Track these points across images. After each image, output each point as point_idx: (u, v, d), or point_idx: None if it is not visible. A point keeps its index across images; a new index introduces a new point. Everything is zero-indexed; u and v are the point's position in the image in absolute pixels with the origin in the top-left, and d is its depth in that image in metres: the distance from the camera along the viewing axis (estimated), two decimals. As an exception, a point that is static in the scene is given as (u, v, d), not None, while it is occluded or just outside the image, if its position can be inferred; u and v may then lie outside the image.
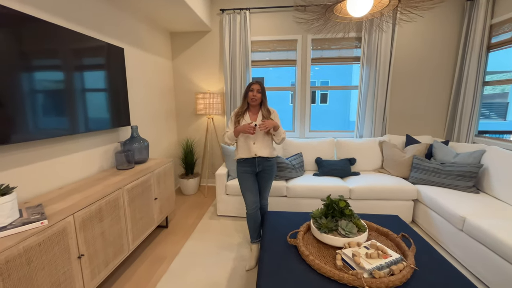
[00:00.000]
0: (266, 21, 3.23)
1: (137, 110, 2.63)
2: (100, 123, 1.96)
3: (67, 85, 1.66)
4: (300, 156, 2.92)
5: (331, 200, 1.56)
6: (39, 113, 1.50)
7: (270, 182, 2.03)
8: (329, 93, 13.23)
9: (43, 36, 1.49)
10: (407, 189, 2.42)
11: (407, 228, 1.70)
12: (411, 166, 2.61)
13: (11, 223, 1.12)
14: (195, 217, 2.69)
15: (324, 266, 1.23)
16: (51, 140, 1.66)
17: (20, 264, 1.04)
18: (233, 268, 1.85)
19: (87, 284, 1.42)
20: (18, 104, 1.38)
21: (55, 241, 1.20)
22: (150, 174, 2.07)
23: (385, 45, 3.00)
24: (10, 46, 1.32)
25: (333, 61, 3.26)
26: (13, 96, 1.35)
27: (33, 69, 1.44)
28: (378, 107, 3.13)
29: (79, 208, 1.36)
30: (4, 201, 1.09)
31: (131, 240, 1.82)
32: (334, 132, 3.43)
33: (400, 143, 2.99)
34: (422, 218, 2.36)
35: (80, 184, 1.75)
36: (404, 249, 1.37)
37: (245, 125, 1.83)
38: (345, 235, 1.41)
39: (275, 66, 3.39)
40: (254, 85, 1.94)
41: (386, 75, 3.06)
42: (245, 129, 1.82)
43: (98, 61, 1.93)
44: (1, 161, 1.36)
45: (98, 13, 2.07)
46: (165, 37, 3.26)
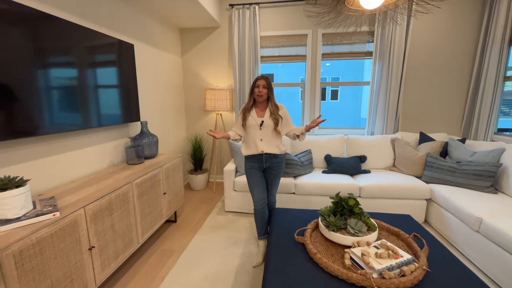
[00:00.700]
0: (275, 16, 3.18)
1: (147, 106, 2.66)
2: (111, 119, 1.99)
3: (80, 81, 1.69)
4: (309, 153, 2.88)
5: (340, 198, 1.52)
6: (54, 108, 1.54)
7: (278, 178, 2.01)
8: (339, 90, 13.00)
9: (57, 33, 1.52)
10: (420, 188, 2.34)
11: (419, 228, 1.64)
12: (424, 164, 2.52)
13: (25, 214, 1.16)
14: (203, 212, 2.71)
15: (332, 264, 1.20)
16: (64, 134, 1.70)
17: (33, 254, 1.07)
18: (239, 264, 1.86)
19: (98, 275, 1.45)
20: (34, 99, 1.41)
21: (67, 233, 1.24)
22: (159, 169, 2.10)
23: (399, 39, 2.89)
24: (27, 43, 1.36)
25: (344, 56, 3.18)
26: (30, 92, 1.39)
27: (48, 66, 1.48)
28: (390, 103, 3.04)
29: (90, 201, 1.38)
30: (18, 193, 1.12)
31: (140, 234, 1.85)
32: (344, 129, 3.36)
33: (414, 141, 2.89)
34: (436, 218, 2.28)
35: (92, 178, 1.79)
36: (416, 249, 1.33)
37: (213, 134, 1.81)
38: (354, 233, 1.38)
39: (285, 62, 3.35)
40: (260, 81, 1.90)
41: (399, 70, 2.96)
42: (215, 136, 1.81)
43: (109, 58, 1.95)
44: (18, 154, 1.41)
45: (110, 10, 2.09)
46: (174, 34, 3.27)
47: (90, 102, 1.79)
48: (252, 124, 1.92)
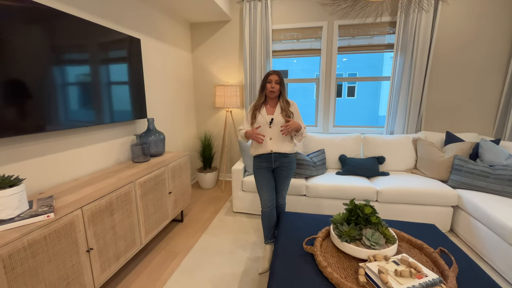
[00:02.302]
0: (288, 8, 3.01)
1: (154, 102, 2.61)
2: (117, 115, 1.95)
3: (88, 77, 1.65)
4: (322, 153, 2.71)
5: (355, 205, 1.37)
6: (65, 104, 1.54)
7: (287, 179, 1.89)
8: (356, 86, 12.51)
9: (69, 29, 1.51)
10: (446, 194, 2.12)
11: (446, 241, 1.46)
12: (451, 167, 2.29)
13: (19, 215, 1.11)
14: (211, 212, 2.64)
15: (343, 281, 1.07)
16: (70, 131, 1.67)
17: (24, 257, 1.02)
18: (245, 270, 1.76)
19: (97, 278, 1.41)
20: (48, 95, 1.43)
21: (62, 235, 1.19)
22: (164, 168, 2.04)
23: (424, 29, 2.64)
24: (41, 40, 1.37)
25: (362, 49, 2.96)
26: (44, 88, 1.40)
27: (61, 62, 1.48)
28: (413, 100, 2.80)
29: (88, 201, 1.33)
30: (12, 193, 1.08)
31: (143, 234, 1.80)
32: (361, 128, 3.15)
33: (439, 141, 2.65)
34: (463, 228, 2.06)
35: (95, 176, 1.76)
36: (443, 267, 1.16)
37: (254, 132, 1.70)
38: (370, 246, 1.23)
39: (298, 56, 3.18)
40: (272, 76, 1.79)
41: (424, 63, 2.71)
42: (253, 137, 1.70)
43: (115, 53, 1.90)
44: (21, 151, 1.38)
45: (120, 5, 2.03)
46: (185, 29, 3.20)
47: (95, 98, 1.75)
48: (261, 122, 1.81)
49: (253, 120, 1.84)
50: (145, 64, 2.42)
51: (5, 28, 1.22)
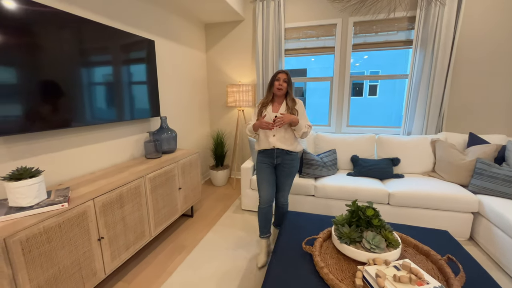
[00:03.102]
0: (302, 6, 2.98)
1: (168, 101, 2.71)
2: (135, 113, 2.06)
3: (106, 76, 1.76)
4: (334, 153, 2.66)
5: (357, 206, 1.34)
6: (90, 102, 1.71)
7: (289, 178, 1.90)
8: (379, 84, 12.00)
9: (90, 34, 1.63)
10: (466, 199, 1.99)
11: (458, 249, 1.37)
12: (472, 171, 2.14)
13: (38, 203, 1.23)
14: (220, 209, 2.70)
15: (339, 283, 1.05)
16: (90, 127, 1.80)
17: (40, 242, 1.13)
18: (247, 267, 1.78)
19: (107, 265, 1.51)
20: (75, 94, 1.61)
21: (75, 223, 1.29)
22: (174, 164, 2.11)
23: (447, 22, 2.48)
24: (70, 45, 1.54)
25: (378, 46, 2.85)
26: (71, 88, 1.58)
27: (85, 64, 1.63)
28: (433, 99, 2.64)
29: (100, 193, 1.43)
30: (31, 183, 1.19)
31: (153, 227, 1.89)
32: (376, 128, 3.03)
33: (461, 143, 2.48)
34: (484, 236, 1.92)
35: (110, 170, 1.87)
36: (449, 276, 1.09)
37: (262, 121, 1.73)
38: (370, 249, 1.19)
39: (311, 54, 3.13)
40: (281, 74, 1.83)
41: (446, 60, 2.54)
42: (263, 125, 1.72)
43: (131, 55, 2.01)
44: (47, 145, 1.52)
45: (136, 10, 2.14)
46: (199, 29, 3.28)
47: (113, 97, 1.87)
48: (267, 119, 1.85)
49: (260, 117, 1.89)
50: (159, 64, 2.53)
51: (39, 34, 1.35)
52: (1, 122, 1.25)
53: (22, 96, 1.33)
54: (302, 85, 12.11)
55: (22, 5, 1.30)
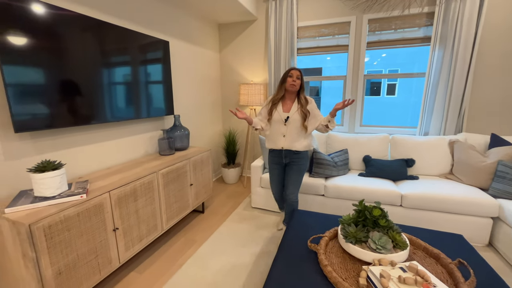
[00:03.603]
0: (315, 4, 2.95)
1: (182, 100, 2.80)
2: (150, 111, 2.16)
3: (124, 77, 1.86)
4: (345, 153, 2.62)
5: (364, 206, 1.32)
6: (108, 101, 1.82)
7: (297, 175, 1.92)
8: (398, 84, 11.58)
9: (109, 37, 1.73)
10: (485, 203, 1.89)
11: (472, 254, 1.32)
12: (493, 174, 2.03)
13: (59, 194, 1.32)
14: (231, 206, 2.74)
15: (342, 281, 1.05)
16: (109, 124, 1.91)
17: (61, 229, 1.22)
18: (255, 262, 1.81)
19: (122, 254, 1.59)
20: (96, 93, 1.73)
21: (92, 213, 1.37)
22: (186, 161, 2.18)
23: (468, 18, 2.36)
24: (91, 47, 1.65)
25: (394, 43, 2.77)
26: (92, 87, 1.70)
27: (105, 65, 1.72)
28: (452, 98, 2.53)
29: (115, 187, 1.51)
30: (54, 175, 1.29)
31: (165, 221, 1.97)
32: (390, 128, 2.95)
33: (482, 144, 2.36)
34: (504, 243, 1.82)
35: (126, 165, 1.97)
36: (459, 280, 1.06)
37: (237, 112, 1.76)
38: (375, 249, 1.18)
39: (324, 53, 3.10)
40: (294, 71, 1.84)
41: (467, 57, 2.43)
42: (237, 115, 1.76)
43: (147, 56, 2.10)
44: (69, 141, 1.63)
45: (152, 12, 2.24)
46: (213, 30, 3.35)
47: (131, 95, 1.96)
48: (277, 119, 1.87)
49: (269, 117, 1.90)
50: (173, 64, 2.61)
51: (63, 37, 1.45)
52: (29, 119, 1.36)
53: (48, 95, 1.44)
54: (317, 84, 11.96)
55: (50, 10, 1.40)
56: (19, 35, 1.29)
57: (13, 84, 1.28)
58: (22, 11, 1.29)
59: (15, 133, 1.33)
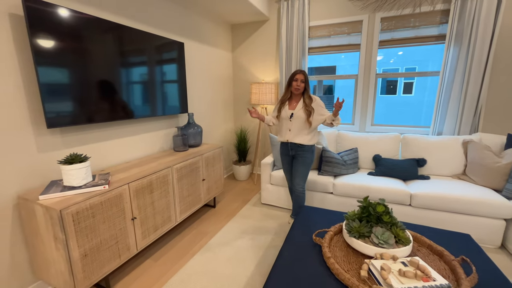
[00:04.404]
0: (326, 3, 2.97)
1: (196, 98, 2.91)
2: (166, 109, 2.28)
3: (144, 76, 1.99)
4: (355, 152, 2.63)
5: (368, 202, 1.36)
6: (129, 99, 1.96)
7: (302, 167, 2.08)
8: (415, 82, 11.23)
9: (129, 39, 1.84)
10: (498, 204, 1.86)
11: (478, 252, 1.32)
12: (507, 175, 1.98)
13: (85, 184, 1.46)
14: (241, 202, 2.83)
15: (343, 272, 1.10)
16: (129, 121, 2.05)
17: (86, 215, 1.35)
18: (263, 255, 1.88)
19: (139, 242, 1.72)
20: (120, 92, 1.87)
21: (113, 203, 1.50)
22: (199, 157, 2.29)
23: (486, 15, 2.30)
24: (114, 49, 1.79)
25: (407, 42, 2.73)
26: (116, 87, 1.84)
27: (126, 66, 1.84)
28: (468, 97, 2.47)
29: (133, 179, 1.64)
30: (81, 167, 1.42)
31: (178, 213, 2.08)
32: (402, 127, 2.92)
33: (498, 145, 2.30)
34: (517, 245, 1.79)
35: (143, 160, 2.10)
36: (460, 276, 1.08)
37: (252, 111, 2.11)
38: (378, 244, 1.22)
39: (336, 52, 3.11)
40: (298, 75, 2.01)
41: (484, 55, 2.37)
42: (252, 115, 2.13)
43: (164, 56, 2.22)
44: (87, 137, 1.77)
45: (167, 14, 2.36)
46: (226, 30, 3.44)
47: (150, 94, 2.09)
48: (284, 116, 2.09)
49: (278, 114, 2.13)
50: (188, 64, 2.73)
51: (90, 41, 1.59)
52: (59, 116, 1.50)
53: (76, 94, 1.57)
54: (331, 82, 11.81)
55: (78, 16, 1.54)
56: (51, 39, 1.42)
57: (46, 84, 1.42)
58: (53, 17, 1.43)
59: (47, 128, 1.48)
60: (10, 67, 1.35)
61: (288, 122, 2.06)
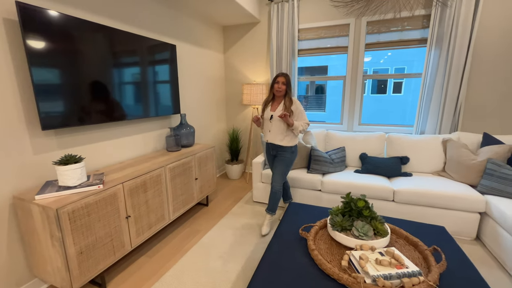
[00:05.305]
0: (316, 7, 3.06)
1: (188, 99, 2.97)
2: (159, 110, 2.33)
3: (134, 79, 2.03)
4: (343, 151, 2.74)
5: (350, 198, 1.46)
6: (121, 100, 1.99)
7: (281, 166, 2.16)
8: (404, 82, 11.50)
9: (121, 42, 1.87)
10: (472, 199, 1.99)
11: (450, 243, 1.44)
12: (482, 171, 2.12)
13: (80, 184, 1.50)
14: (233, 200, 2.91)
15: (325, 262, 1.20)
16: (121, 122, 2.08)
17: (82, 214, 1.40)
18: (253, 250, 1.96)
19: (133, 240, 1.77)
20: (113, 94, 1.90)
21: (108, 202, 1.55)
22: (191, 157, 2.35)
23: (464, 19, 2.43)
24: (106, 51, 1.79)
25: (392, 45, 2.86)
26: (109, 89, 1.88)
27: (118, 68, 1.87)
28: (448, 98, 2.61)
29: (127, 179, 1.69)
30: (76, 167, 1.47)
31: (171, 211, 2.14)
32: (388, 127, 3.05)
33: (474, 143, 2.44)
34: (490, 237, 1.92)
35: (136, 160, 2.15)
36: (431, 263, 1.19)
37: (253, 118, 2.15)
38: (358, 236, 1.32)
39: (324, 54, 3.21)
40: (280, 77, 2.10)
41: (462, 58, 2.50)
42: (253, 120, 2.17)
43: (155, 58, 2.26)
44: (82, 138, 1.81)
45: (159, 17, 2.40)
46: (218, 32, 3.49)
47: (142, 96, 2.13)
48: (266, 117, 2.19)
49: (262, 114, 2.23)
50: (180, 66, 2.78)
51: (83, 44, 1.62)
52: (53, 118, 1.54)
53: (71, 96, 1.61)
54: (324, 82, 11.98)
55: (71, 20, 1.57)
56: (46, 42, 1.46)
57: (40, 85, 1.46)
58: (47, 22, 1.47)
59: (42, 130, 1.52)
60: (5, 71, 1.39)
61: (268, 123, 2.15)
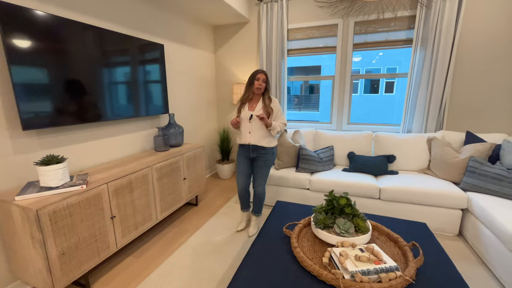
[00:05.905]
0: (304, 7, 3.08)
1: (177, 99, 2.95)
2: (144, 111, 2.31)
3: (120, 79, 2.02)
4: (331, 150, 2.77)
5: (333, 196, 1.48)
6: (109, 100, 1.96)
7: (264, 169, 2.09)
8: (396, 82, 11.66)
9: (108, 42, 1.85)
10: (454, 196, 2.04)
11: (430, 239, 1.47)
12: (465, 169, 2.17)
13: (62, 185, 1.49)
14: (223, 199, 2.91)
15: (306, 260, 1.21)
16: (109, 122, 2.07)
17: (64, 215, 1.39)
18: (241, 249, 1.97)
19: (119, 240, 1.76)
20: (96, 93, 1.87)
21: (92, 202, 1.54)
22: (179, 156, 2.35)
23: (448, 21, 2.49)
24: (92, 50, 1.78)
25: (379, 45, 2.90)
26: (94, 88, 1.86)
27: (105, 68, 1.84)
28: (433, 97, 2.67)
29: (112, 179, 1.68)
30: (57, 168, 1.45)
31: (159, 211, 2.13)
32: (376, 126, 3.09)
33: (458, 142, 2.50)
34: (471, 232, 1.97)
35: (123, 160, 2.13)
36: (409, 259, 1.22)
37: (232, 120, 2.04)
38: (339, 233, 1.34)
39: (313, 54, 3.24)
40: (260, 74, 2.01)
41: (446, 58, 2.56)
42: (232, 122, 2.05)
43: (144, 59, 2.25)
44: (65, 138, 1.79)
45: (149, 17, 2.39)
46: (208, 31, 3.49)
47: (129, 97, 2.12)
48: (243, 117, 2.05)
49: (238, 114, 2.10)
50: (169, 66, 2.76)
51: (68, 42, 1.61)
52: (35, 118, 1.52)
53: (53, 95, 1.59)
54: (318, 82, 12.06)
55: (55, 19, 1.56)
56: (27, 39, 1.44)
57: (21, 85, 1.44)
58: (28, 20, 1.45)
59: (22, 130, 1.49)
60: (-17, 70, 1.36)
61: (247, 124, 2.02)
